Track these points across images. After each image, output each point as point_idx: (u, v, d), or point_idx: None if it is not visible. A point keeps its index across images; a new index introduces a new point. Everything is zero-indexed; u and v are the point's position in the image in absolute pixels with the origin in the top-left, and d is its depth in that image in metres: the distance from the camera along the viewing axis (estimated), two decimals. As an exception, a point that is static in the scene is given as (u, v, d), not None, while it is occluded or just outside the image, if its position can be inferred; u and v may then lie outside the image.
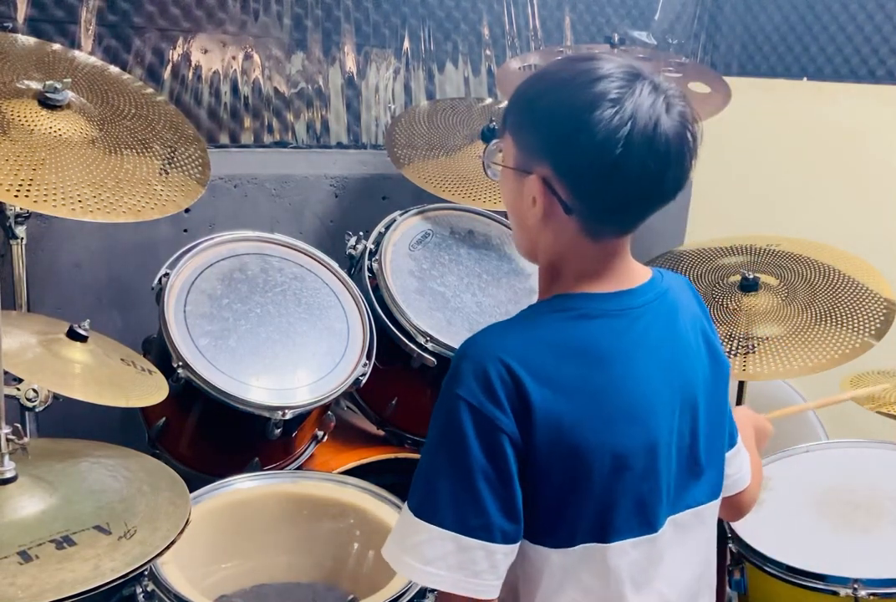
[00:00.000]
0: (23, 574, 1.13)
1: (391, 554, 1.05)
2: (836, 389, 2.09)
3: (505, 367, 1.01)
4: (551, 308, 1.10)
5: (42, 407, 1.60)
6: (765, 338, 1.94)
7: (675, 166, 1.03)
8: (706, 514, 1.18)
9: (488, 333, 1.08)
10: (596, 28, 2.87)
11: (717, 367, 1.19)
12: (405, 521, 1.04)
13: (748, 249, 2.22)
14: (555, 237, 1.09)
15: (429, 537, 1.01)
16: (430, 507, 1.02)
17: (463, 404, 1.01)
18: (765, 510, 1.71)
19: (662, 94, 1.03)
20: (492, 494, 1.01)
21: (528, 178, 1.06)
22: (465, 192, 2.15)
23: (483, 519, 1.01)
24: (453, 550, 1.01)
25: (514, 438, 1.01)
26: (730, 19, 3.06)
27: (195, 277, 1.84)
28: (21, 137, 1.58)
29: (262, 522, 1.72)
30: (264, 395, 1.76)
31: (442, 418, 1.04)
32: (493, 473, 1.01)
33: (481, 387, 1.01)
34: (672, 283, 1.17)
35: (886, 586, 1.51)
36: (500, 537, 1.01)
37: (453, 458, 1.02)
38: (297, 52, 2.40)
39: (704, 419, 1.15)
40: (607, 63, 1.04)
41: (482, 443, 1.01)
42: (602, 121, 1.00)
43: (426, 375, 1.97)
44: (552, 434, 1.02)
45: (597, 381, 1.05)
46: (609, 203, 1.04)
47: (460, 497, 1.01)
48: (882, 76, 2.71)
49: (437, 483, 1.02)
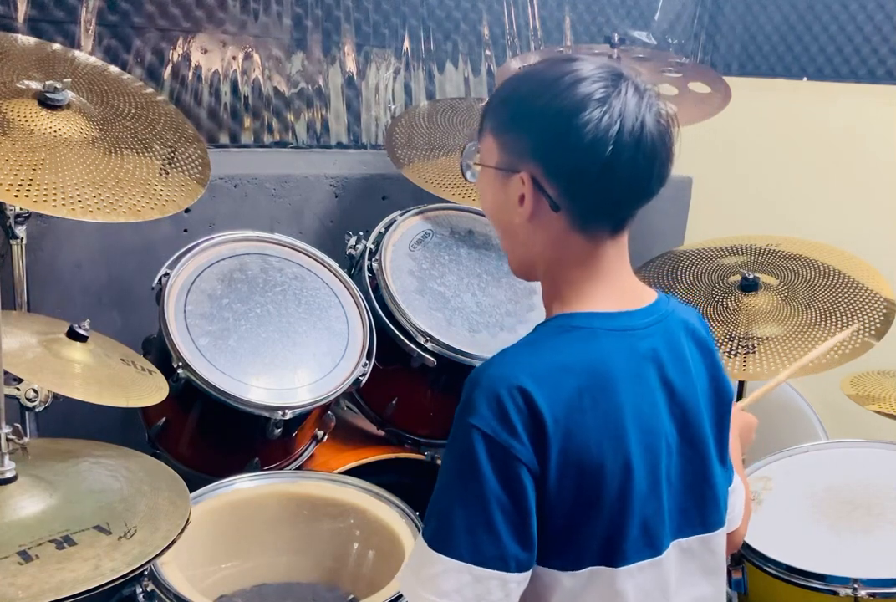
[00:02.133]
0: (23, 574, 1.13)
1: (408, 586, 1.04)
2: (836, 389, 2.09)
3: (520, 393, 1.00)
4: (556, 329, 1.09)
5: (42, 407, 1.60)
6: (765, 338, 1.94)
7: (659, 164, 1.05)
8: (714, 543, 1.17)
9: (499, 361, 1.06)
10: (596, 28, 2.87)
11: (720, 398, 1.17)
12: (420, 552, 1.03)
13: (748, 249, 2.22)
14: (545, 236, 1.08)
15: (444, 569, 1.00)
16: (445, 538, 1.01)
17: (477, 433, 1.00)
18: (765, 510, 1.71)
19: (645, 94, 1.04)
20: (507, 524, 0.99)
21: (515, 178, 1.07)
22: (465, 192, 2.15)
23: (499, 549, 0.99)
24: (469, 582, 0.99)
25: (530, 467, 1.00)
26: (730, 19, 3.06)
27: (195, 277, 1.84)
28: (21, 137, 1.58)
29: (262, 522, 1.72)
30: (264, 395, 1.76)
31: (456, 448, 1.02)
32: (509, 503, 0.99)
33: (496, 415, 1.00)
34: (678, 308, 1.17)
35: (886, 586, 1.51)
36: (514, 566, 1.00)
37: (468, 488, 1.00)
38: (297, 52, 2.40)
39: (707, 445, 1.14)
40: (588, 64, 1.05)
41: (497, 472, 0.99)
42: (591, 121, 1.01)
43: (426, 375, 1.97)
44: (565, 457, 1.01)
45: (607, 401, 1.04)
46: (598, 202, 1.05)
47: (475, 528, 0.99)
48: (882, 76, 2.71)
49: (452, 514, 1.01)
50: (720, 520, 1.17)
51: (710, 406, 1.16)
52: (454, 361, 1.91)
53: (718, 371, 1.18)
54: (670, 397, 1.10)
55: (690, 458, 1.12)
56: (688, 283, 2.16)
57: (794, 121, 2.81)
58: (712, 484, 1.15)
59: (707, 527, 1.15)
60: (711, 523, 1.16)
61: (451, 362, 1.91)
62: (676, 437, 1.10)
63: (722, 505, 1.18)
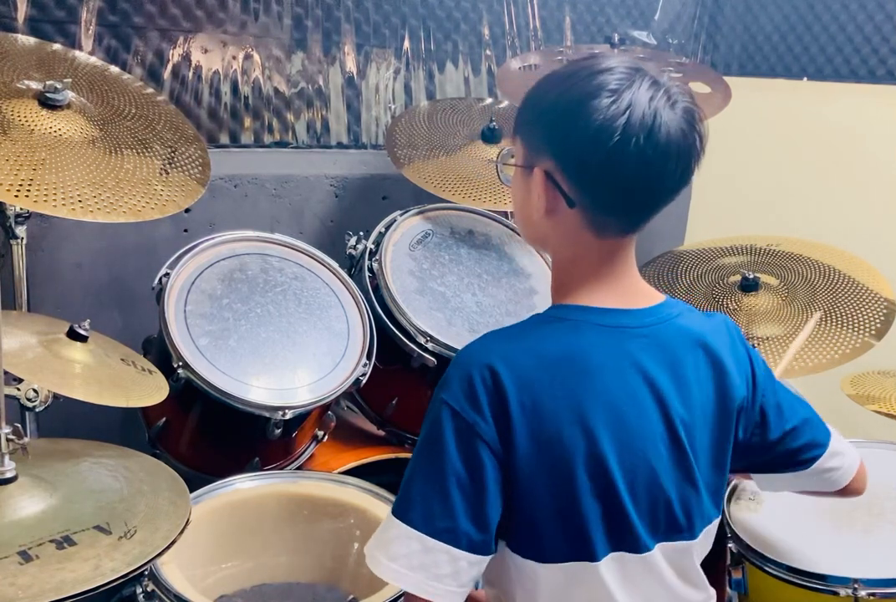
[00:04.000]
0: (23, 574, 1.13)
1: (368, 547, 1.07)
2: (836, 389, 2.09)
3: (490, 372, 1.02)
4: (546, 319, 1.10)
5: (42, 407, 1.60)
6: (765, 338, 1.94)
7: (676, 160, 1.03)
8: (694, 550, 1.16)
9: (480, 341, 1.09)
10: (596, 28, 2.87)
11: (725, 409, 1.15)
12: (387, 517, 1.06)
13: (748, 249, 2.22)
14: (562, 234, 1.09)
15: (397, 535, 1.03)
16: (404, 506, 1.04)
17: (446, 408, 1.03)
18: (765, 510, 1.71)
19: (663, 89, 1.03)
20: (462, 499, 1.01)
21: (533, 174, 1.07)
22: (465, 192, 2.15)
23: (450, 523, 1.01)
24: (418, 550, 1.01)
25: (492, 446, 1.02)
26: (730, 19, 3.06)
27: (195, 277, 1.84)
28: (21, 137, 1.58)
29: (262, 522, 1.72)
30: (264, 395, 1.76)
31: (428, 421, 1.06)
32: (467, 479, 1.01)
33: (465, 392, 1.02)
34: (692, 317, 1.15)
35: (886, 586, 1.51)
36: (465, 544, 1.02)
37: (431, 460, 1.03)
38: (297, 52, 2.40)
39: (696, 452, 1.12)
40: (610, 60, 1.06)
41: (460, 447, 1.02)
42: (599, 109, 1.01)
43: (426, 375, 1.97)
44: (536, 442, 1.02)
45: (581, 392, 1.04)
46: (609, 194, 1.05)
47: (430, 499, 1.02)
48: (882, 76, 2.71)
49: (414, 484, 1.04)
50: (700, 528, 1.16)
51: (713, 416, 1.14)
52: (454, 361, 1.91)
53: (727, 381, 1.15)
54: (662, 400, 1.09)
55: (681, 463, 1.11)
56: (688, 283, 2.15)
57: (794, 121, 2.81)
58: (700, 492, 1.14)
59: (692, 534, 1.15)
60: (695, 531, 1.15)
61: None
62: (668, 441, 1.09)
63: (707, 514, 1.17)
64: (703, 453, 1.14)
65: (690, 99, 1.06)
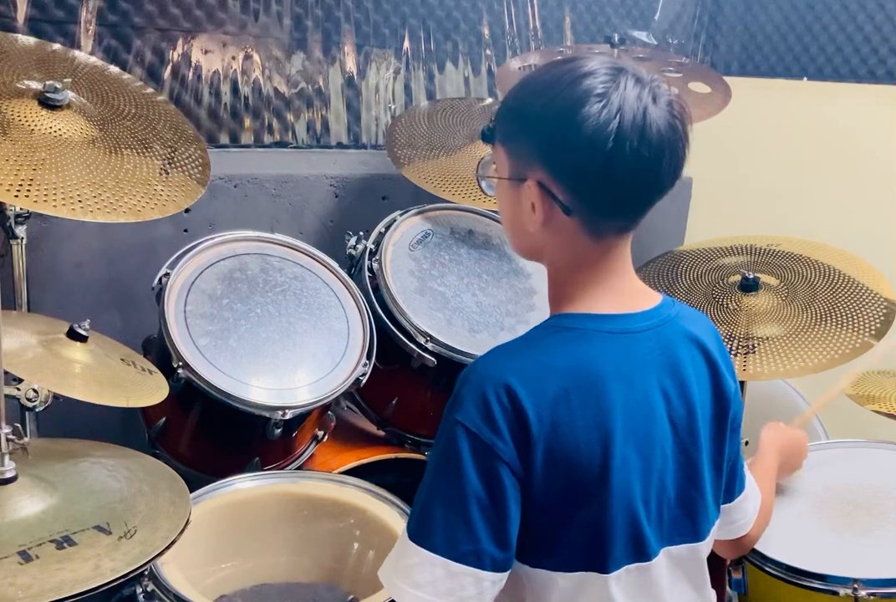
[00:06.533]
0: (23, 574, 1.13)
1: (385, 574, 1.05)
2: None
3: (506, 391, 1.00)
4: (549, 330, 1.09)
5: (42, 407, 1.60)
6: (765, 338, 1.94)
7: (668, 155, 1.03)
8: (701, 551, 1.17)
9: (489, 357, 1.07)
10: (596, 28, 2.87)
11: (721, 408, 1.16)
12: (401, 543, 1.04)
13: (748, 249, 2.22)
14: (559, 242, 1.08)
15: (420, 561, 1.00)
16: (423, 531, 1.02)
17: (461, 430, 1.01)
18: (765, 510, 1.71)
19: (647, 86, 1.03)
20: (484, 522, 1.00)
21: (524, 186, 1.06)
22: (465, 192, 2.15)
23: (475, 546, 1.00)
24: (443, 576, 1.00)
25: (512, 466, 1.00)
26: (730, 19, 3.06)
27: (195, 277, 1.84)
28: (21, 137, 1.58)
29: (262, 522, 1.72)
30: (264, 395, 1.76)
31: (441, 443, 1.03)
32: (488, 501, 1.00)
33: (480, 412, 1.00)
34: (684, 314, 1.16)
35: (886, 586, 1.51)
36: (489, 565, 1.01)
37: (449, 483, 1.01)
38: (297, 52, 2.40)
39: (700, 454, 1.13)
40: (589, 61, 1.04)
41: (479, 469, 1.00)
42: (590, 116, 0.99)
43: (426, 375, 1.97)
44: (552, 457, 1.01)
45: (596, 403, 1.03)
46: (608, 198, 1.04)
47: (453, 523, 1.00)
48: (882, 76, 2.71)
49: (433, 508, 1.02)
50: (707, 529, 1.17)
51: (711, 416, 1.15)
52: (454, 361, 1.91)
53: (722, 380, 1.16)
54: (667, 402, 1.09)
55: (684, 465, 1.12)
56: (688, 283, 2.15)
57: (794, 121, 2.81)
58: (703, 493, 1.14)
59: (697, 535, 1.15)
60: (701, 532, 1.15)
61: (452, 362, 1.91)
62: (672, 443, 1.10)
63: (711, 514, 1.17)
64: (705, 453, 1.14)
65: (670, 91, 1.06)
